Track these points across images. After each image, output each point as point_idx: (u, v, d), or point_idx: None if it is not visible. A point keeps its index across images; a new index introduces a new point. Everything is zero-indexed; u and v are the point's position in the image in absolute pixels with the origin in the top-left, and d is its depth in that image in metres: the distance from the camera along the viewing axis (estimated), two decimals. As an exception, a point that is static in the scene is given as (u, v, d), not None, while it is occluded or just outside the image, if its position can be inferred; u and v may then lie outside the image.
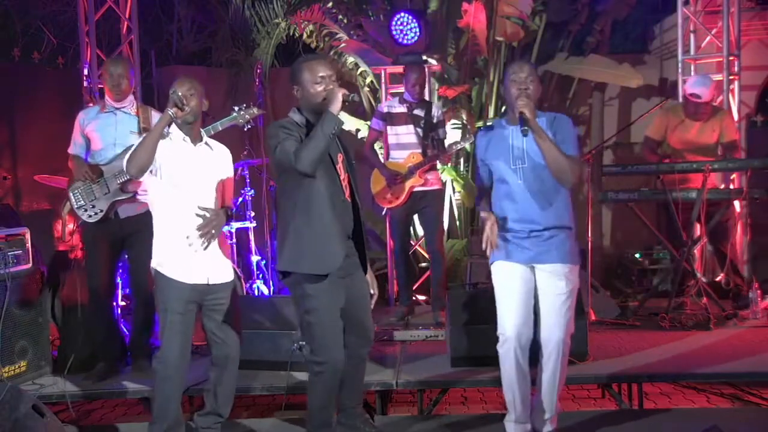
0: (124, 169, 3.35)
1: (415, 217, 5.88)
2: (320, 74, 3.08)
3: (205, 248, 3.38)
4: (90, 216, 4.16)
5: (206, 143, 3.51)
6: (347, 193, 3.22)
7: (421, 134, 5.24)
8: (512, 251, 3.27)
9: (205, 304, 3.44)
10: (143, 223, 3.80)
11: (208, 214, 3.37)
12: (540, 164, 3.21)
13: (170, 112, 3.28)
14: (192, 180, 3.40)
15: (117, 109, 4.25)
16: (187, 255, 3.37)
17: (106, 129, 4.21)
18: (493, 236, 3.20)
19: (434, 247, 5.35)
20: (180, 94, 3.30)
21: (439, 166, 5.57)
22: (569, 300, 3.24)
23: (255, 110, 4.23)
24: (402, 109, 5.31)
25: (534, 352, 3.30)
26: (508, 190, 3.28)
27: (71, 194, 4.19)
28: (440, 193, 5.46)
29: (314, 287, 3.11)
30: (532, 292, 3.28)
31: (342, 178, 3.20)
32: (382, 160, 5.49)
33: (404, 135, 5.27)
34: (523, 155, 3.24)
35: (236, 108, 4.27)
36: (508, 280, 3.28)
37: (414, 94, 5.29)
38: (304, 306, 3.15)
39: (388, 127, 5.36)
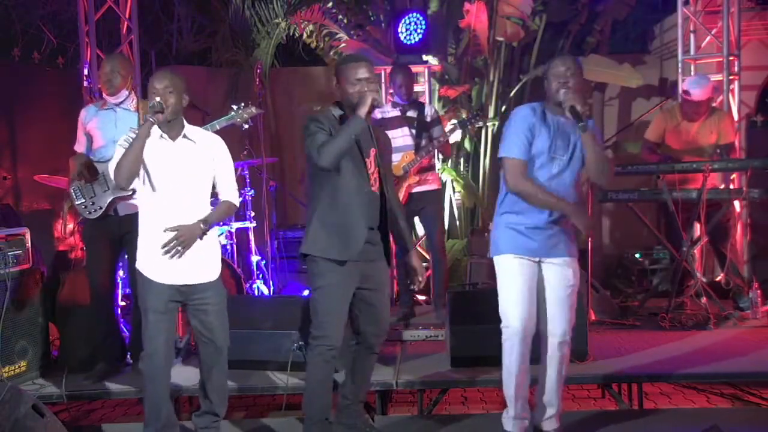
0: (112, 179, 3.33)
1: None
2: (358, 77, 3.23)
3: (179, 257, 3.31)
4: (90, 213, 4.16)
5: (186, 136, 3.38)
6: (376, 186, 3.31)
7: (415, 135, 5.24)
8: (521, 244, 3.27)
9: (190, 304, 3.41)
10: None
11: (177, 231, 3.29)
12: (577, 159, 3.24)
13: (151, 120, 3.21)
14: (171, 178, 3.32)
15: (117, 105, 4.23)
16: (166, 256, 3.32)
17: (107, 126, 4.19)
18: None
19: (435, 247, 5.35)
20: (158, 98, 3.23)
21: (439, 165, 5.56)
22: (574, 293, 3.31)
23: (253, 109, 4.22)
24: (395, 112, 5.29)
25: (535, 350, 3.31)
26: (539, 178, 3.23)
27: (72, 191, 4.19)
28: (439, 192, 5.44)
29: (327, 266, 3.24)
30: (536, 286, 3.30)
31: (371, 171, 3.31)
32: None
33: (399, 138, 5.24)
34: (567, 146, 3.23)
35: (234, 107, 4.26)
36: (515, 272, 3.28)
37: (402, 96, 5.29)
38: (314, 283, 3.29)
39: None
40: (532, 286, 3.29)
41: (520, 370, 3.27)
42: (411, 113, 5.27)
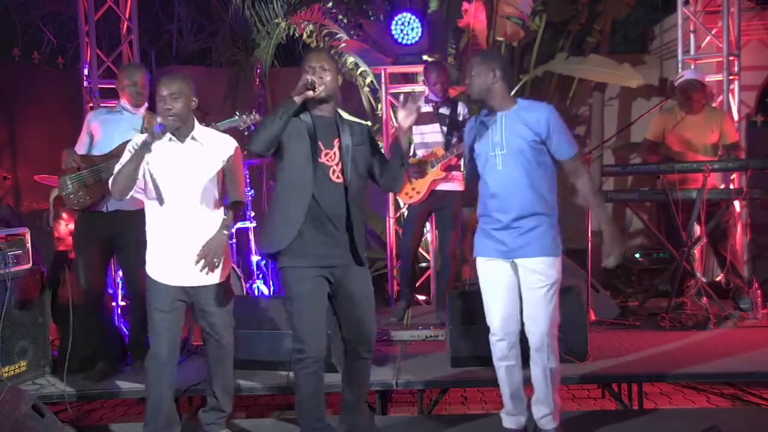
0: (110, 189, 3.38)
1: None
2: (309, 64, 3.20)
3: (207, 273, 3.34)
4: (78, 201, 4.11)
5: (193, 138, 3.41)
6: (339, 177, 3.21)
7: (445, 132, 5.20)
8: (492, 247, 3.28)
9: (196, 306, 3.46)
10: (134, 223, 3.79)
11: (204, 249, 3.32)
12: (519, 151, 3.19)
13: (149, 141, 3.24)
14: (179, 180, 3.35)
15: (126, 110, 4.27)
16: (172, 257, 3.36)
17: (110, 124, 4.23)
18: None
19: (447, 250, 5.28)
20: (158, 119, 3.31)
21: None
22: (550, 292, 3.22)
23: (258, 117, 4.31)
24: (428, 108, 5.25)
25: (526, 351, 3.32)
26: (489, 178, 3.28)
27: (60, 180, 4.16)
28: (461, 195, 5.37)
29: (291, 275, 3.20)
30: (516, 286, 3.28)
31: (333, 162, 3.21)
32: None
33: (429, 134, 5.23)
34: (501, 142, 3.23)
35: (238, 113, 4.34)
36: (490, 276, 3.31)
37: (437, 93, 5.26)
38: (286, 294, 3.26)
39: (414, 127, 5.31)
40: (507, 286, 3.28)
41: (505, 369, 3.32)
42: (443, 110, 5.24)
